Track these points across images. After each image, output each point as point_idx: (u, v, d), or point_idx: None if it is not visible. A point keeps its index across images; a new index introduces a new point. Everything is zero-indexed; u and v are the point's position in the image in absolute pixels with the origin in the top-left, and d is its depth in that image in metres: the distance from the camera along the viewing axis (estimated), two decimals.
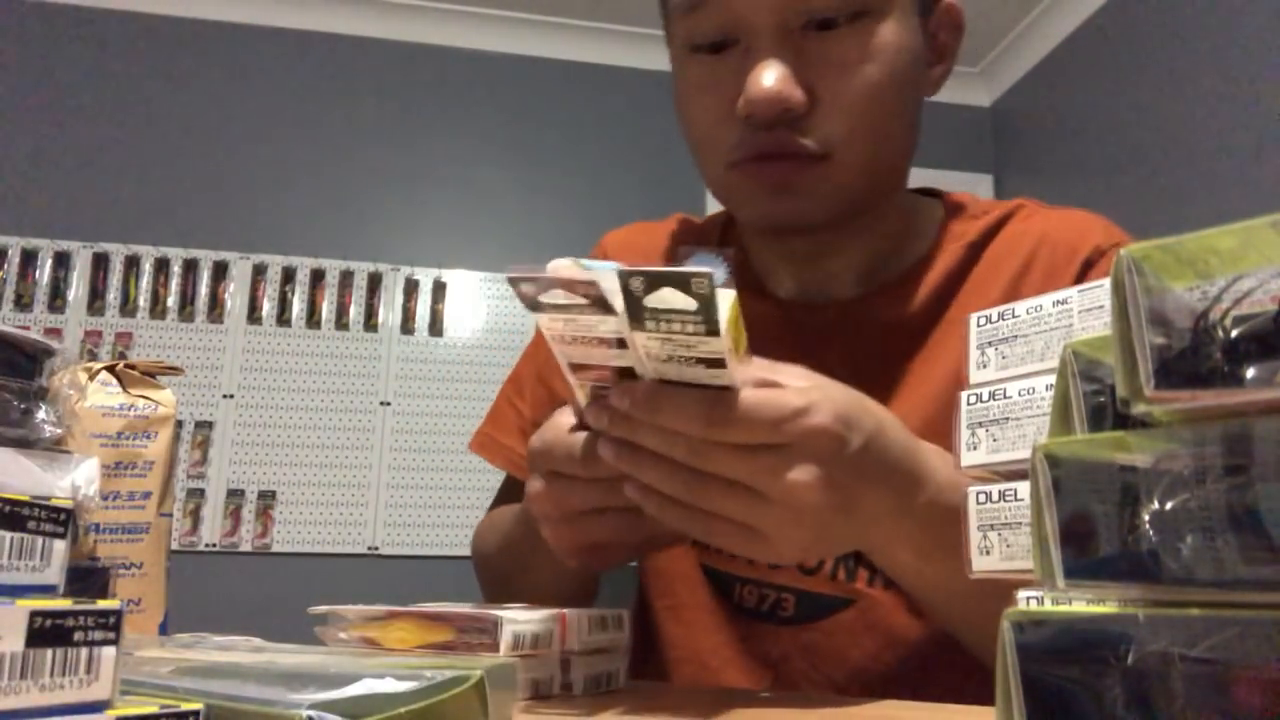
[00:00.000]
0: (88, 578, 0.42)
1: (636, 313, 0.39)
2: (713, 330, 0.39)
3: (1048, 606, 0.25)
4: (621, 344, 0.42)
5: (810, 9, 0.58)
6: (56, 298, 2.85)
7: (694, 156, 0.66)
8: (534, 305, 0.41)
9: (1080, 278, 0.63)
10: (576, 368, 0.45)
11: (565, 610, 0.48)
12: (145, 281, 2.90)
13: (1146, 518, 0.21)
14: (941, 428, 0.61)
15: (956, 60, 0.69)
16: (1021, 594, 0.31)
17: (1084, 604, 0.23)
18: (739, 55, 0.60)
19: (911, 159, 0.67)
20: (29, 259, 2.85)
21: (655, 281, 0.38)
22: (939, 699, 0.60)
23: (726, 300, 0.39)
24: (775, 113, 0.58)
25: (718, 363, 0.41)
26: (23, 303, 2.82)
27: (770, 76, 0.57)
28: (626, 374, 0.44)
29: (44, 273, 2.85)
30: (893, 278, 0.68)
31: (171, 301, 2.91)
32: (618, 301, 0.39)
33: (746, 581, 0.65)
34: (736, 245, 0.74)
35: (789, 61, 0.59)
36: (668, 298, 0.38)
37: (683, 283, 0.37)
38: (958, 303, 0.65)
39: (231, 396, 2.88)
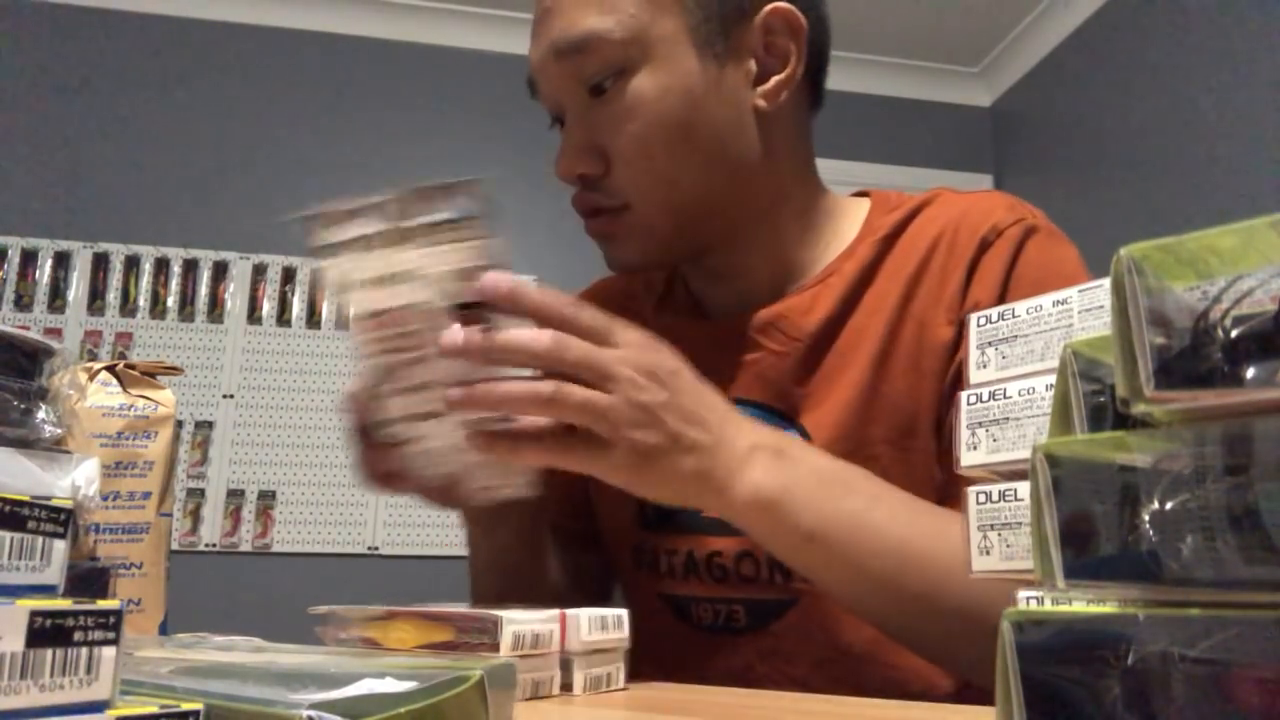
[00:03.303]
0: (88, 578, 0.42)
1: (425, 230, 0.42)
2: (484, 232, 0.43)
3: (1048, 606, 0.25)
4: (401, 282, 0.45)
5: (580, 79, 0.64)
6: (56, 298, 2.85)
7: None
8: (328, 249, 0.44)
9: (977, 257, 0.65)
10: (369, 323, 0.47)
11: (565, 610, 0.48)
12: (145, 281, 2.90)
13: (1146, 518, 0.21)
14: (865, 414, 0.65)
15: (802, 61, 0.68)
16: (1021, 594, 0.31)
17: (1084, 604, 0.23)
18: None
19: (757, 178, 0.68)
20: (29, 259, 2.85)
21: (425, 194, 0.42)
22: (898, 674, 0.62)
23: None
24: (572, 182, 0.67)
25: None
26: (23, 303, 2.82)
27: (562, 155, 0.67)
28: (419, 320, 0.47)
29: (44, 273, 2.85)
30: (811, 279, 0.70)
31: (171, 301, 2.90)
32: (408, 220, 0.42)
33: (700, 600, 0.69)
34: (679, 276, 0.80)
35: (583, 132, 0.66)
36: (438, 209, 0.42)
37: (448, 191, 0.41)
38: (872, 292, 0.68)
39: (231, 396, 2.88)
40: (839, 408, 0.65)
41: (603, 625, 0.49)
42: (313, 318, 2.97)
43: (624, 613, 0.51)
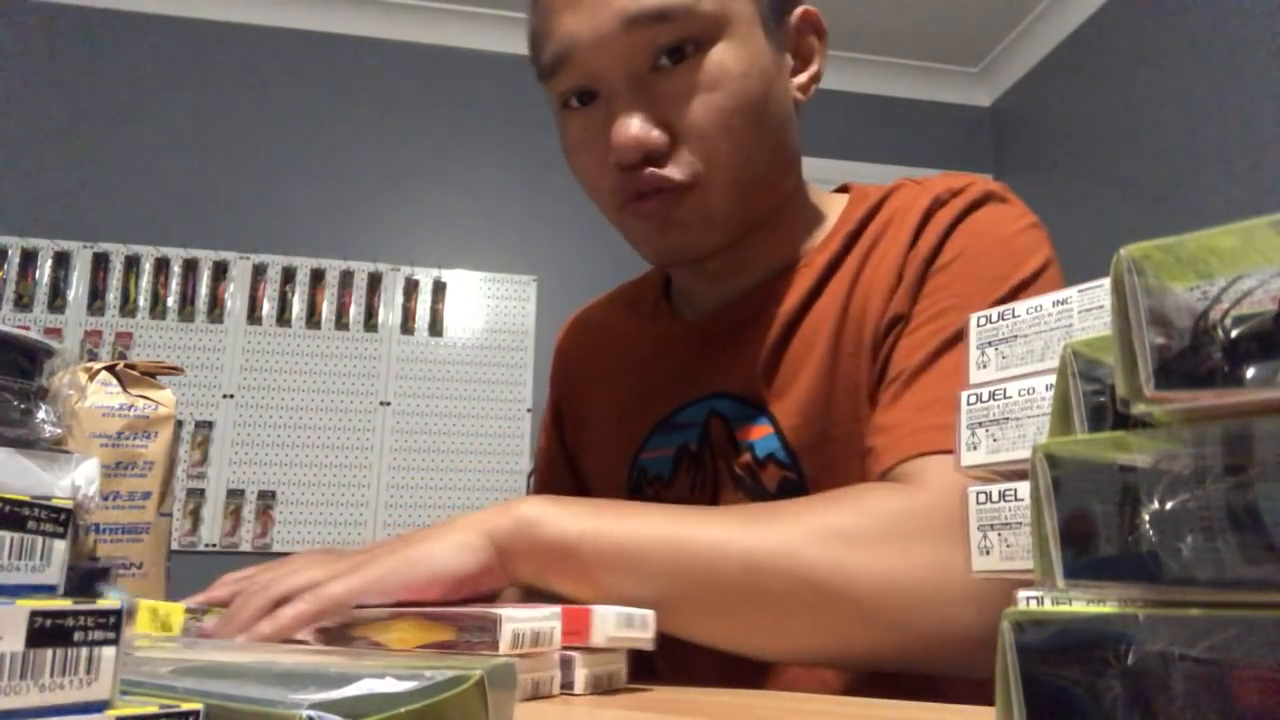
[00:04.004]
0: (87, 578, 0.42)
1: None
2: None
3: (1048, 606, 0.25)
4: None
5: (650, 50, 0.62)
6: (56, 298, 2.85)
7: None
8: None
9: (918, 230, 0.65)
10: None
11: (593, 606, 0.48)
12: (145, 281, 2.90)
13: (1146, 518, 0.21)
14: (828, 398, 0.65)
15: (825, 61, 0.72)
16: (1021, 594, 0.31)
17: (1084, 604, 0.23)
18: (604, 105, 0.64)
19: (793, 170, 0.71)
20: (29, 259, 2.85)
21: None
22: (790, 672, 0.62)
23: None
24: (639, 156, 0.62)
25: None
26: (23, 303, 2.82)
27: (629, 125, 0.62)
28: None
29: (44, 273, 2.86)
30: (784, 273, 0.72)
31: (171, 301, 2.91)
32: None
33: None
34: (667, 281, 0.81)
35: (645, 104, 0.63)
36: None
37: None
38: (834, 281, 0.69)
39: (231, 396, 2.88)
40: (803, 394, 0.66)
41: (629, 623, 0.49)
42: (312, 318, 2.97)
43: (649, 614, 0.51)
